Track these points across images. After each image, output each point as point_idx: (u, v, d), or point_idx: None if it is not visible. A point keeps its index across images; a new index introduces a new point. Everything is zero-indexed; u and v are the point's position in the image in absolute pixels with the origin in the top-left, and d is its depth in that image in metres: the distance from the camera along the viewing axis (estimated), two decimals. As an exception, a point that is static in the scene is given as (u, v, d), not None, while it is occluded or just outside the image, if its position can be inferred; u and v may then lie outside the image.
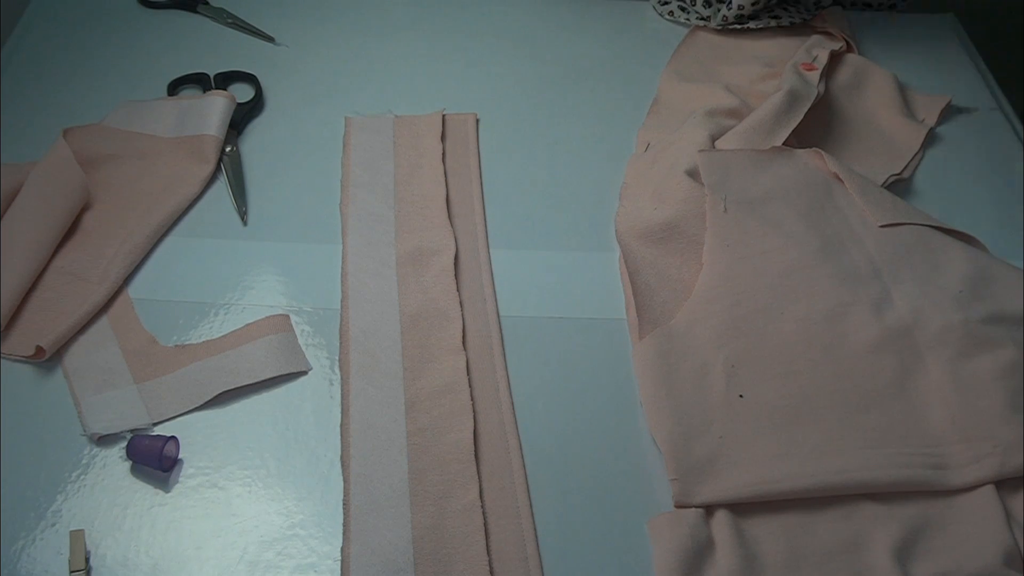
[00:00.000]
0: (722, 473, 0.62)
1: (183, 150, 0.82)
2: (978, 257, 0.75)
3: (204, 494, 0.62)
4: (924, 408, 0.66)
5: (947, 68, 0.97)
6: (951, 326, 0.69)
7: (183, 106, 0.84)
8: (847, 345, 0.68)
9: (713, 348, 0.68)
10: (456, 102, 0.89)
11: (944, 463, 0.63)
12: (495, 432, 0.65)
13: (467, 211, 0.79)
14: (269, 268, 0.75)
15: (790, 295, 0.71)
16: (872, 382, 0.67)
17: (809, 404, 0.65)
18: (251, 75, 0.90)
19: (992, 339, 0.69)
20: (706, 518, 0.61)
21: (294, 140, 0.86)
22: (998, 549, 0.59)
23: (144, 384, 0.66)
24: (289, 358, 0.69)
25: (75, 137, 0.81)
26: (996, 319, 0.70)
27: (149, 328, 0.70)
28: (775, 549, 0.60)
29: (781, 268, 0.72)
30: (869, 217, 0.76)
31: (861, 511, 0.61)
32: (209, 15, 0.97)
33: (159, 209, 0.77)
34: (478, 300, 0.73)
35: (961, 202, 0.83)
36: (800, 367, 0.67)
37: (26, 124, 0.84)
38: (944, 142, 0.88)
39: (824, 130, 0.87)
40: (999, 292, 0.72)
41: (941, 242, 0.75)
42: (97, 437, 0.63)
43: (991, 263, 0.75)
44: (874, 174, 0.82)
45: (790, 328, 0.69)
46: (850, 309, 0.70)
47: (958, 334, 0.69)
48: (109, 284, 0.71)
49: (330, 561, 0.59)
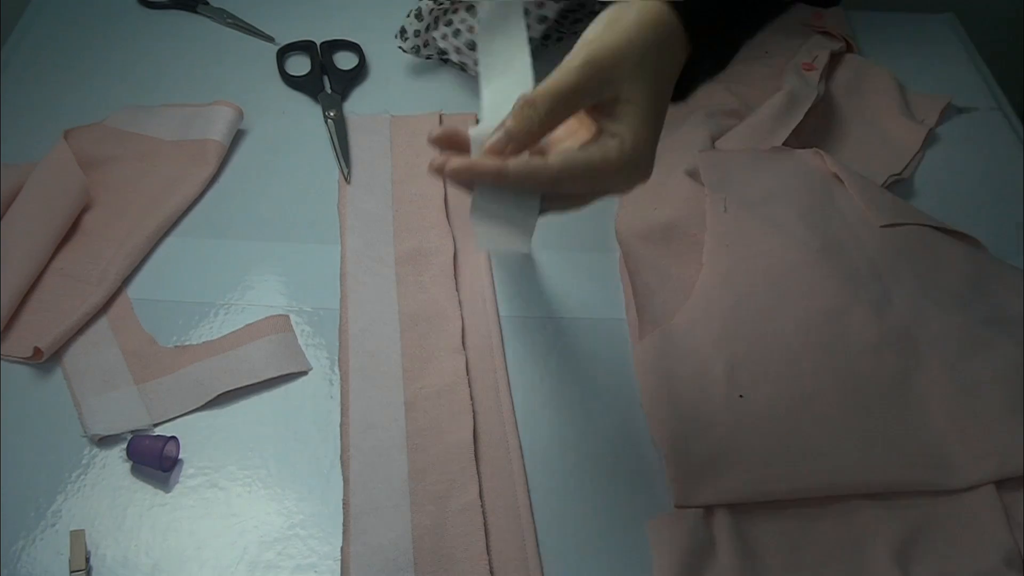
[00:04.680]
0: (722, 473, 0.62)
1: (184, 153, 0.82)
2: (978, 257, 0.75)
3: (204, 494, 0.62)
4: (924, 408, 0.66)
5: (947, 68, 0.97)
6: (951, 326, 0.69)
7: (187, 112, 0.84)
8: (847, 345, 0.68)
9: (713, 348, 0.68)
10: (456, 102, 0.89)
11: (944, 463, 0.63)
12: (495, 432, 0.65)
13: (466, 211, 0.79)
14: (269, 268, 0.75)
15: (790, 295, 0.71)
16: (872, 382, 0.67)
17: (809, 404, 0.65)
18: (356, 44, 0.94)
19: (992, 339, 0.69)
20: (706, 519, 0.61)
21: (292, 140, 0.86)
22: (998, 549, 0.59)
23: (144, 385, 0.66)
24: (289, 358, 0.69)
25: (76, 138, 0.81)
26: (996, 319, 0.70)
27: (149, 328, 0.70)
28: (775, 549, 0.60)
29: (781, 268, 0.72)
30: (869, 217, 0.76)
31: (861, 511, 0.61)
32: (209, 15, 0.97)
33: (159, 210, 0.77)
34: (478, 300, 0.73)
35: (961, 202, 0.83)
36: (800, 367, 0.67)
37: (26, 124, 0.84)
38: (944, 142, 0.88)
39: (824, 130, 0.87)
40: (999, 292, 0.72)
41: (941, 242, 0.75)
42: (98, 438, 0.63)
43: (991, 263, 0.75)
44: (874, 174, 0.82)
45: (790, 328, 0.69)
46: (850, 309, 0.70)
47: (958, 334, 0.69)
48: (108, 285, 0.71)
49: (330, 561, 0.59)
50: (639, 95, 0.50)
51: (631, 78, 0.50)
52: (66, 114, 0.84)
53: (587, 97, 0.50)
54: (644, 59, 0.50)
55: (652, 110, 0.51)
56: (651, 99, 0.51)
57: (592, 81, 0.50)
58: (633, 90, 0.50)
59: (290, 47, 0.93)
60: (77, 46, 0.93)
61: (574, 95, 0.50)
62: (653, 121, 0.51)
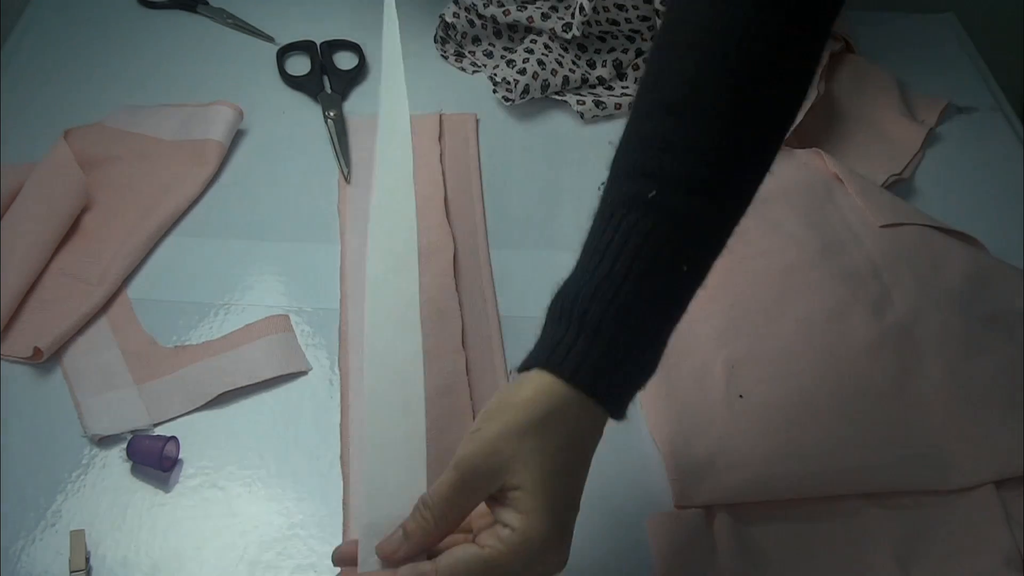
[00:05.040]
0: (722, 473, 0.62)
1: (184, 152, 0.82)
2: (978, 257, 0.75)
3: (204, 494, 0.62)
4: (924, 408, 0.66)
5: (947, 68, 0.97)
6: (951, 326, 0.69)
7: (187, 112, 0.84)
8: (847, 345, 0.68)
9: (713, 348, 0.68)
10: (456, 102, 0.89)
11: (944, 463, 0.63)
12: (495, 432, 0.65)
13: (467, 211, 0.79)
14: (269, 268, 0.75)
15: (790, 295, 0.71)
16: (872, 382, 0.67)
17: (809, 404, 0.65)
18: (356, 44, 0.94)
19: (992, 339, 0.69)
20: (706, 518, 0.61)
21: (292, 140, 0.86)
22: (998, 549, 0.59)
23: (144, 385, 0.66)
24: (289, 358, 0.68)
25: (76, 138, 0.81)
26: (996, 319, 0.70)
27: (149, 328, 0.70)
28: (775, 549, 0.60)
29: (781, 268, 0.72)
30: (869, 217, 0.76)
31: (861, 511, 0.61)
32: (209, 15, 0.97)
33: (159, 210, 0.77)
34: (478, 300, 0.73)
35: (961, 202, 0.83)
36: (800, 367, 0.67)
37: (26, 124, 0.84)
38: (944, 142, 0.88)
39: (824, 130, 0.87)
40: (999, 292, 0.72)
41: (941, 242, 0.75)
42: (98, 438, 0.63)
43: (991, 263, 0.75)
44: (874, 174, 0.82)
45: (790, 328, 0.69)
46: (850, 309, 0.70)
47: (958, 334, 0.69)
48: (108, 285, 0.71)
49: (330, 561, 0.59)
50: (528, 480, 0.46)
51: (514, 467, 0.46)
52: (66, 114, 0.84)
53: (474, 496, 0.47)
54: (527, 443, 0.46)
55: (547, 493, 0.46)
56: (543, 481, 0.46)
57: (472, 480, 0.46)
58: (521, 477, 0.46)
59: (290, 47, 0.94)
60: (77, 46, 0.93)
61: (459, 496, 0.47)
62: (551, 504, 0.46)
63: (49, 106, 0.86)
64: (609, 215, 0.49)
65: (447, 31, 0.93)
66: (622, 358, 0.48)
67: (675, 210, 0.48)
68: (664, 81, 0.50)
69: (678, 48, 0.50)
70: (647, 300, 0.48)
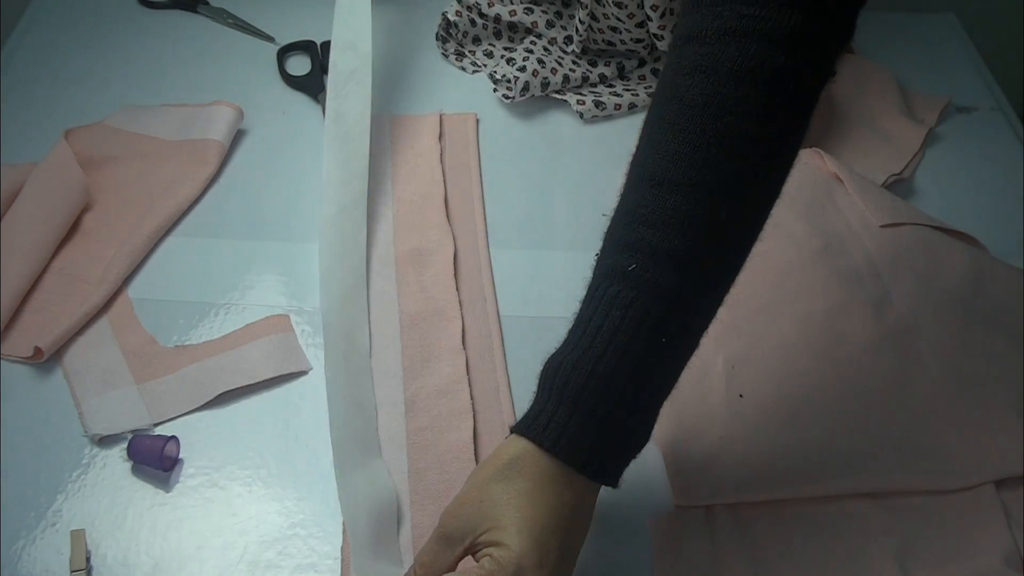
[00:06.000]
0: (722, 473, 0.62)
1: (185, 152, 0.82)
2: (978, 257, 0.75)
3: (204, 494, 0.62)
4: (924, 408, 0.66)
5: (947, 68, 0.97)
6: (951, 326, 0.69)
7: (187, 112, 0.84)
8: (847, 345, 0.68)
9: (713, 348, 0.68)
10: (456, 102, 0.89)
11: (944, 463, 0.63)
12: (495, 432, 0.65)
13: (467, 211, 0.79)
14: (269, 268, 0.75)
15: (790, 295, 0.71)
16: (872, 382, 0.67)
17: (809, 404, 0.65)
18: None
19: (992, 339, 0.69)
20: (706, 518, 0.61)
21: (292, 140, 0.86)
22: (998, 549, 0.59)
23: (144, 384, 0.66)
24: (289, 358, 0.69)
25: (77, 137, 0.81)
26: (996, 319, 0.70)
27: (149, 328, 0.70)
28: (775, 549, 0.60)
29: (781, 268, 0.72)
30: (869, 217, 0.76)
31: (861, 511, 0.61)
32: (209, 15, 0.97)
33: (159, 210, 0.77)
34: (478, 300, 0.73)
35: (961, 202, 0.83)
36: (800, 367, 0.67)
37: (26, 124, 0.84)
38: (944, 142, 0.88)
39: (824, 130, 0.87)
40: (999, 292, 0.72)
41: (941, 242, 0.75)
42: (98, 438, 0.63)
43: (991, 263, 0.75)
44: (874, 174, 0.82)
45: (790, 328, 0.69)
46: (850, 309, 0.70)
47: (958, 334, 0.69)
48: (108, 285, 0.71)
49: (330, 561, 0.59)
50: (502, 518, 0.48)
51: (489, 513, 0.48)
52: (66, 114, 0.84)
53: (456, 544, 0.49)
54: (495, 487, 0.48)
55: (521, 522, 0.47)
56: (519, 520, 0.47)
57: (450, 531, 0.49)
58: (495, 520, 0.48)
59: (290, 47, 0.94)
60: (77, 46, 0.93)
61: (441, 546, 0.49)
62: (527, 527, 0.47)
63: (49, 106, 0.86)
64: (595, 287, 0.50)
65: (448, 29, 0.93)
66: (602, 428, 0.49)
67: (655, 283, 0.48)
68: (648, 154, 0.50)
69: (663, 122, 0.50)
70: (628, 372, 0.49)
